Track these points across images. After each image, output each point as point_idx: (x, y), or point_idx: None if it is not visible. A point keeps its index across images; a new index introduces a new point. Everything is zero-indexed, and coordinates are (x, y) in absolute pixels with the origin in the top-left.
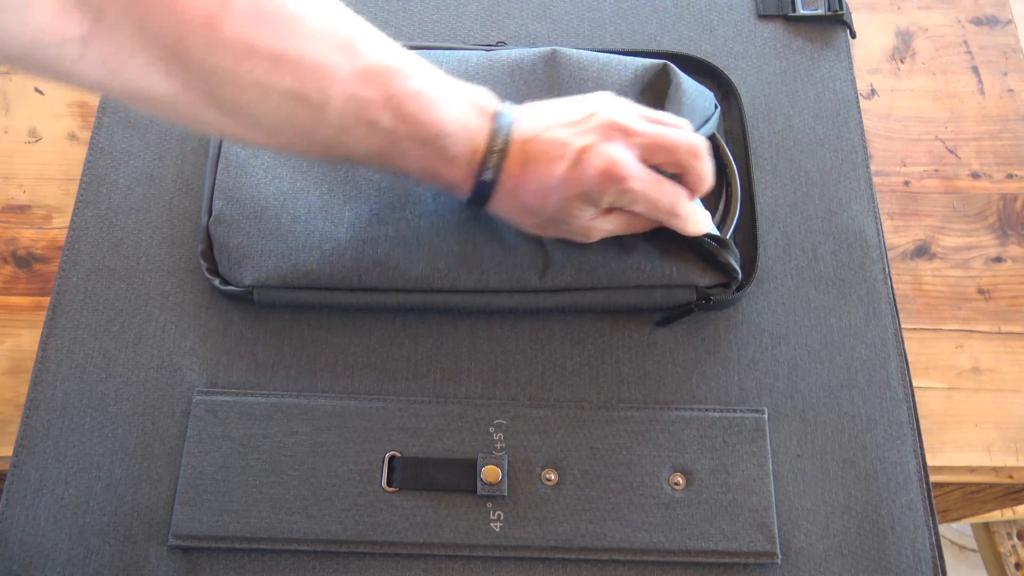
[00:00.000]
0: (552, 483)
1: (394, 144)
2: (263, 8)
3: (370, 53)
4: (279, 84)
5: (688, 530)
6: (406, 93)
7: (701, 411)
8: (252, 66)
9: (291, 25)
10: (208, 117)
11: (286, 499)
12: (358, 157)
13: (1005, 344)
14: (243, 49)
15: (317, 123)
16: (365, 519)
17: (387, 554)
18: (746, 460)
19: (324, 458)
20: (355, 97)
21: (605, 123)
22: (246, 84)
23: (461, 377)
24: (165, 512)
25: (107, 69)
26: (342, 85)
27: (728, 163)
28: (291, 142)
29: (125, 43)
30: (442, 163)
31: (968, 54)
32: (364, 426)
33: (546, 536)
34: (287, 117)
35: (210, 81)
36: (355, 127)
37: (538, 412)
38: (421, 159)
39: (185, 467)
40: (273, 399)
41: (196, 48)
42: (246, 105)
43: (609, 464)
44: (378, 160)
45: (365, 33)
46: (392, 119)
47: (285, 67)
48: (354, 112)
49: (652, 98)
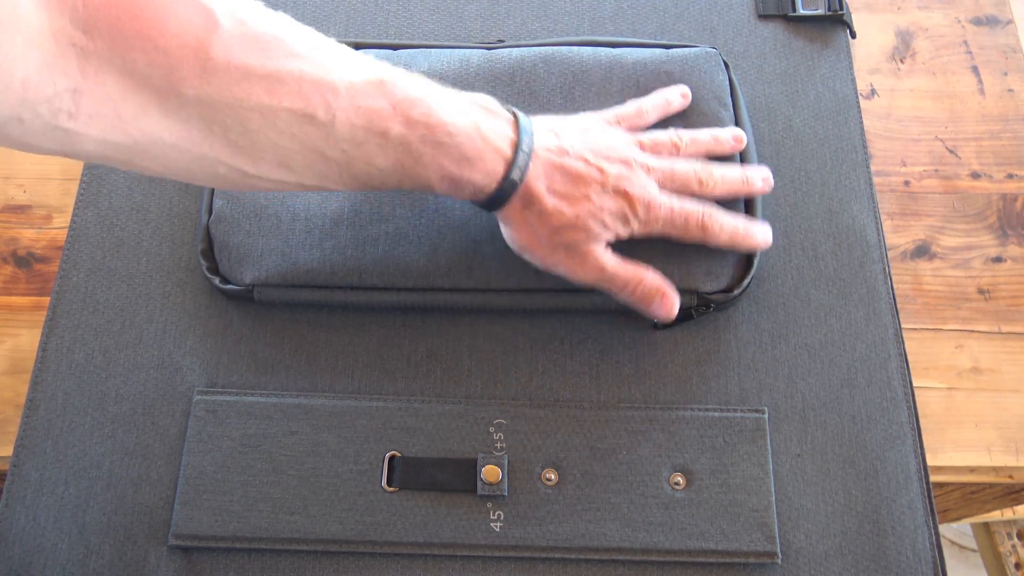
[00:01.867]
0: (552, 483)
1: (409, 153)
2: (250, 31)
3: (363, 67)
4: (281, 104)
5: (688, 530)
6: (408, 100)
7: (701, 411)
8: (250, 89)
9: (282, 46)
10: (220, 155)
11: (286, 499)
12: (380, 176)
13: (1005, 344)
14: (237, 73)
15: (329, 141)
16: (365, 519)
17: (387, 554)
18: (746, 460)
19: (324, 458)
20: (362, 109)
21: (627, 159)
22: (247, 109)
23: (461, 377)
24: (165, 512)
25: (105, 122)
26: (346, 99)
27: None
28: (308, 169)
29: (115, 87)
30: (461, 165)
31: (968, 54)
32: (364, 426)
33: (546, 536)
34: (296, 139)
35: (210, 113)
36: (367, 140)
37: (538, 412)
38: (439, 164)
39: (185, 467)
40: (273, 399)
41: (188, 80)
42: (253, 133)
43: (609, 464)
44: (400, 174)
45: (351, 52)
46: (403, 125)
47: (285, 86)
48: (364, 124)
49: None
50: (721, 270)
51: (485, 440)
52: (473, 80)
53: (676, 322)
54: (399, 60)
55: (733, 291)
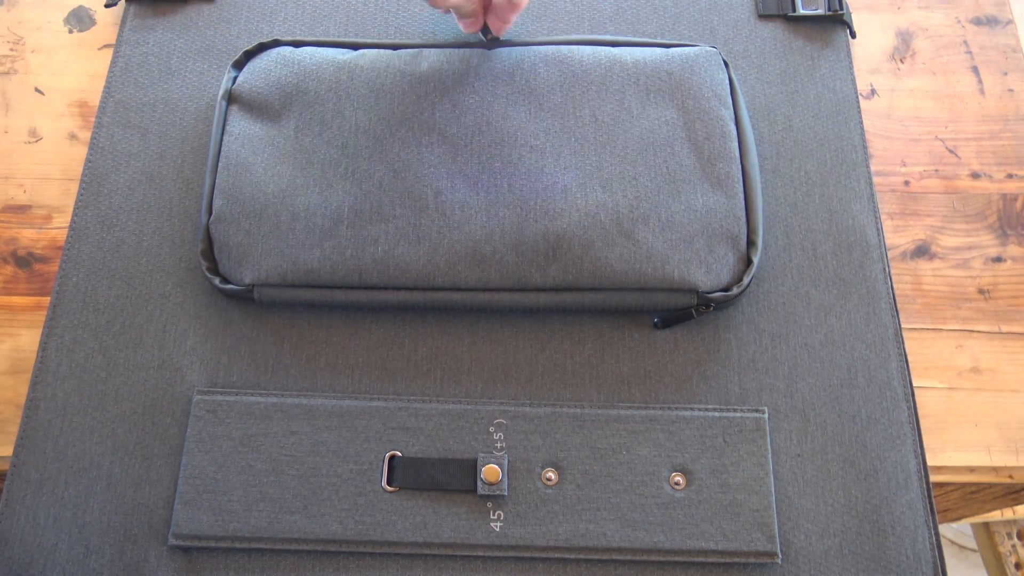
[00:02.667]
0: (552, 483)
1: None
2: None
3: None
4: None
5: (688, 530)
6: None
7: (701, 411)
8: None
9: None
10: None
11: (286, 499)
12: None
13: (1005, 344)
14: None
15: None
16: (365, 519)
17: (387, 554)
18: (746, 460)
19: (324, 458)
20: None
21: None
22: None
23: (461, 377)
24: (165, 512)
25: None
26: None
27: None
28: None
29: None
30: None
31: (968, 54)
32: (364, 426)
33: (546, 536)
34: None
35: None
36: None
37: (538, 412)
38: None
39: (185, 467)
40: (273, 399)
41: None
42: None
43: (609, 464)
44: None
45: None
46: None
47: None
48: None
49: (658, 99)
50: (721, 269)
51: (485, 440)
52: (473, 79)
53: (676, 322)
54: (400, 60)
55: (732, 290)
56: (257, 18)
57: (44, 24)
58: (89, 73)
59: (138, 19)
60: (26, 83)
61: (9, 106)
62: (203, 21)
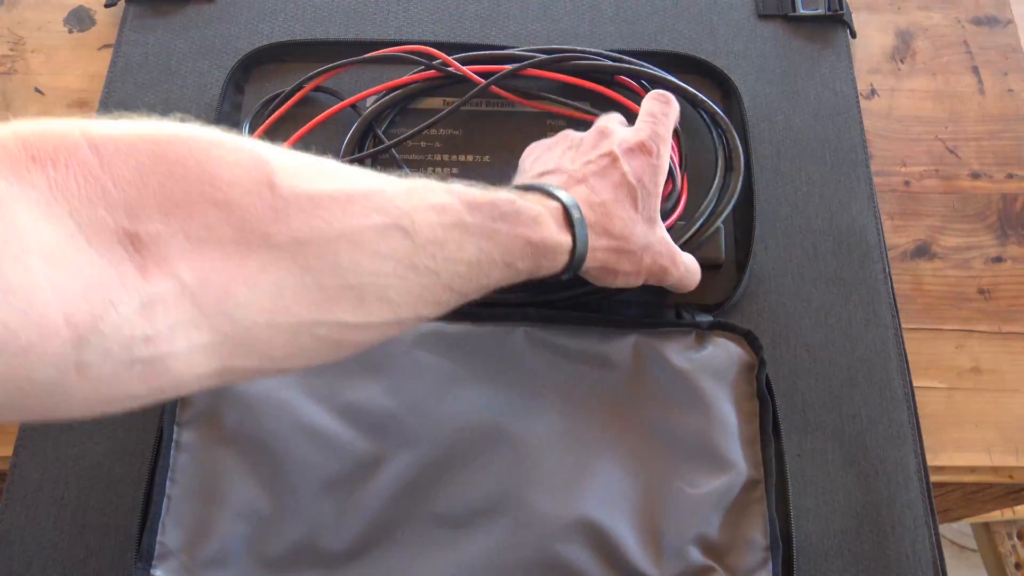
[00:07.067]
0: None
1: (487, 235)
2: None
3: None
4: (362, 223)
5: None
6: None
7: None
8: (327, 217)
9: (329, 166)
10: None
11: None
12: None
13: (1005, 344)
14: (308, 204)
15: (416, 250)
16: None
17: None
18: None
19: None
20: (435, 207)
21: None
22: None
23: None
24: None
25: (187, 325)
26: (416, 200)
27: None
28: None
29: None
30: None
31: (968, 54)
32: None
33: None
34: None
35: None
36: (448, 237)
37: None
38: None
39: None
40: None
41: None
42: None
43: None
44: (485, 263)
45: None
46: (470, 212)
47: (357, 204)
48: (440, 222)
49: None
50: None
51: None
52: None
53: None
54: None
55: (725, 306)
56: (257, 18)
57: (44, 24)
58: (89, 73)
59: (138, 19)
60: (26, 83)
61: (9, 106)
62: (203, 21)
